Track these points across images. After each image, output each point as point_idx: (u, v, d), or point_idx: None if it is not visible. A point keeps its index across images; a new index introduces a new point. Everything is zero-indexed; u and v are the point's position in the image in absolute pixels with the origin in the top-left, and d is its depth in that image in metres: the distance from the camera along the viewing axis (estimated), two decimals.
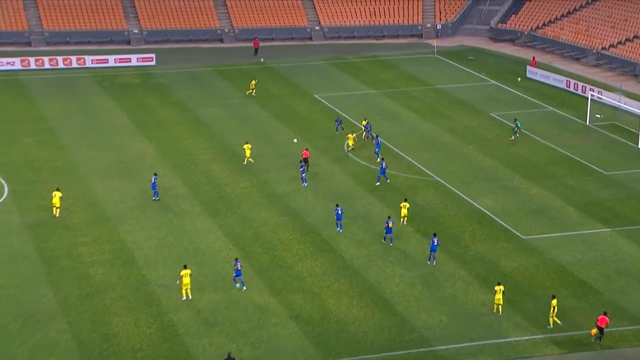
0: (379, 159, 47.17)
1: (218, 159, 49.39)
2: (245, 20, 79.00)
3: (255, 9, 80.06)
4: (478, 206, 42.83)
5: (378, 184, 44.87)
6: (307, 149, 48.11)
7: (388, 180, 45.05)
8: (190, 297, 34.20)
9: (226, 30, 78.30)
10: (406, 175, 46.74)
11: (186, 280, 34.14)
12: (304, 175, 44.82)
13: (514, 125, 51.99)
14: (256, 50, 73.52)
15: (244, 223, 41.23)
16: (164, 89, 63.45)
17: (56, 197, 41.28)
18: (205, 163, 48.71)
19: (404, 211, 40.76)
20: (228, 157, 49.49)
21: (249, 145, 48.47)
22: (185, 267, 34.70)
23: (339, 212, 39.92)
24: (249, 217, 41.89)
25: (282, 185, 45.55)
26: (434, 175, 46.73)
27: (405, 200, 41.26)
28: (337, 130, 52.58)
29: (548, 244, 38.97)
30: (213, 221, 41.34)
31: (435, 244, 37.28)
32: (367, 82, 64.65)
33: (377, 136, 49.37)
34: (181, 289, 34.37)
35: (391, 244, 38.92)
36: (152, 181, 43.40)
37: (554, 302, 32.68)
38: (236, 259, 35.78)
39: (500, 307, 33.57)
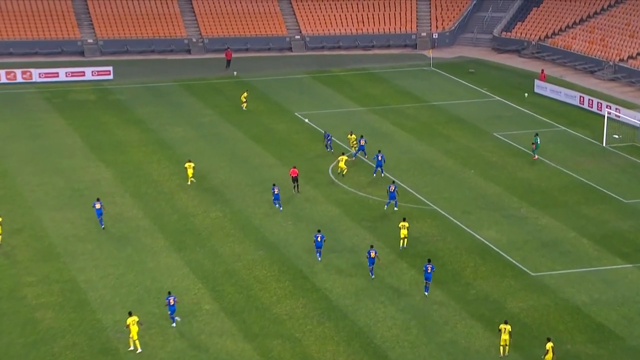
0: (382, 175, 48.80)
1: (185, 185, 49.42)
2: (216, 29, 79.55)
3: (227, 15, 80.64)
4: (481, 238, 43.08)
5: (390, 208, 45.11)
6: (295, 167, 48.57)
7: (396, 208, 45.42)
8: (139, 349, 33.84)
9: (194, 39, 78.74)
10: (399, 204, 46.96)
11: (134, 329, 33.71)
12: (277, 201, 45.52)
13: (533, 142, 52.52)
14: (228, 62, 73.95)
15: (214, 258, 41.20)
16: (123, 107, 63.55)
17: None
18: (171, 190, 48.73)
19: (403, 232, 41.20)
20: (196, 184, 49.53)
21: (192, 164, 48.96)
22: (130, 314, 34.33)
23: (319, 239, 40.35)
24: (221, 251, 41.87)
25: (258, 216, 45.65)
26: (431, 204, 47.01)
27: (404, 220, 41.56)
28: (327, 147, 53.49)
29: (560, 282, 39.21)
30: (179, 257, 41.28)
31: (429, 271, 37.47)
32: (354, 98, 65.13)
33: (379, 151, 50.21)
34: (128, 340, 34.02)
35: (372, 276, 39.18)
36: (97, 207, 43.38)
37: (549, 345, 32.58)
38: (169, 293, 35.87)
39: (506, 348, 33.64)
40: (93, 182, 49.46)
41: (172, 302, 35.36)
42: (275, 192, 45.80)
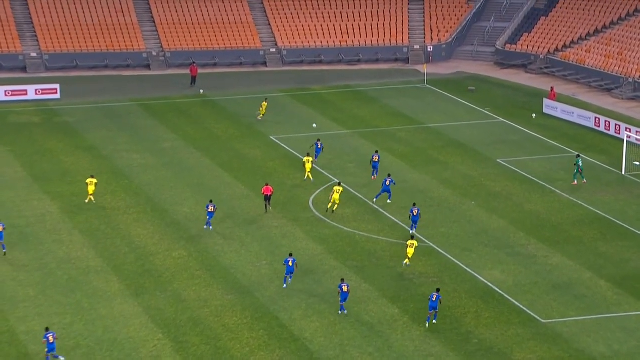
0: (388, 201, 50.20)
1: (144, 220, 49.46)
2: (180, 41, 79.97)
3: (192, 26, 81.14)
4: (483, 280, 43.33)
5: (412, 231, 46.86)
6: (267, 184, 49.58)
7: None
8: None
9: (154, 53, 79.10)
10: (389, 240, 47.22)
11: None
12: (210, 219, 47.52)
13: (574, 164, 53.28)
14: (194, 78, 74.31)
15: (177, 304, 41.16)
16: (71, 130, 63.60)
17: None
18: (127, 226, 48.74)
19: (410, 251, 42.83)
20: (157, 218, 49.60)
21: (94, 180, 49.66)
22: None
23: (290, 263, 41.36)
24: (184, 296, 41.85)
25: (228, 255, 45.73)
26: (426, 240, 47.28)
27: (413, 238, 43.77)
28: (316, 157, 55.66)
29: (575, 330, 39.47)
30: (136, 302, 41.21)
31: (435, 299, 39.03)
32: (338, 119, 65.56)
33: (388, 175, 51.02)
34: None
35: (345, 312, 39.84)
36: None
37: None
38: (47, 329, 36.04)
39: None
40: (36, 217, 49.38)
41: (51, 340, 35.37)
42: (210, 210, 47.43)
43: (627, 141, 56.74)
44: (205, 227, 48.06)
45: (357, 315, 40.27)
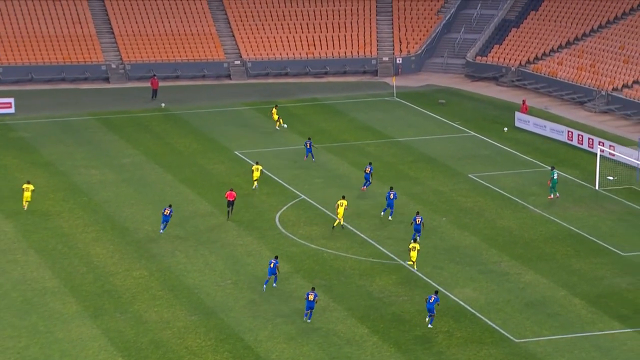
0: (390, 218, 50.78)
1: (103, 238, 49.18)
2: (140, 53, 79.79)
3: (153, 37, 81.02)
4: (454, 298, 43.48)
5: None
6: (232, 189, 50.91)
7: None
8: None
9: (113, 65, 78.86)
10: (358, 258, 47.29)
11: None
12: (165, 223, 48.69)
13: (549, 178, 53.83)
14: (155, 91, 74.16)
15: (138, 326, 40.93)
16: (26, 146, 63.16)
17: None
18: (85, 245, 48.44)
19: (413, 254, 44.84)
20: (117, 237, 49.34)
21: (30, 186, 50.19)
22: None
23: (272, 265, 43.04)
24: (146, 317, 41.63)
25: (191, 274, 45.56)
26: (396, 257, 47.40)
27: (415, 241, 45.36)
28: (306, 156, 58.04)
29: (549, 350, 39.70)
30: (95, 325, 40.93)
31: (432, 301, 40.36)
32: (305, 133, 65.67)
33: (391, 188, 51.50)
34: None
35: (308, 320, 40.41)
36: None
37: None
38: None
39: None
40: None
41: None
42: (165, 214, 48.54)
43: (600, 155, 57.29)
44: (161, 231, 48.75)
45: (325, 335, 40.25)
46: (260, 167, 54.65)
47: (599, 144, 60.11)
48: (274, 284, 43.66)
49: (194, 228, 50.41)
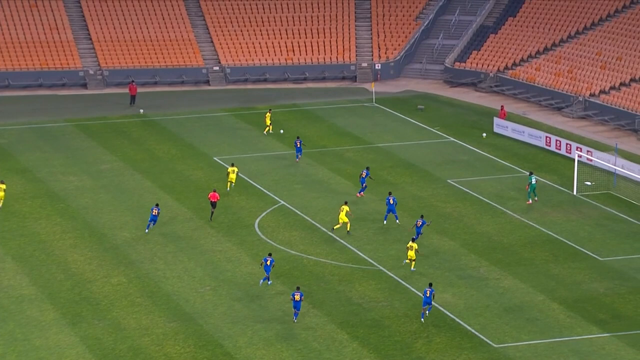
0: (397, 222, 51.33)
1: (81, 245, 48.99)
2: (118, 59, 79.59)
3: (131, 43, 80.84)
4: (434, 304, 43.60)
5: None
6: (215, 190, 51.49)
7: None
8: None
9: (91, 71, 78.61)
10: (338, 264, 47.34)
11: None
12: (152, 223, 49.79)
13: (527, 183, 54.14)
14: (133, 97, 73.99)
15: (116, 333, 40.79)
16: (3, 153, 62.86)
17: None
18: (63, 252, 48.24)
19: (411, 253, 45.52)
20: (95, 243, 49.17)
21: (3, 186, 50.23)
22: None
23: (267, 262, 43.70)
24: (124, 324, 41.50)
25: (170, 280, 45.46)
26: (375, 263, 47.47)
27: (413, 241, 46.04)
28: (297, 157, 59.38)
29: (528, 355, 39.86)
30: (73, 332, 40.76)
31: (429, 295, 41.11)
32: (284, 139, 65.68)
33: (390, 193, 51.81)
34: None
35: (294, 320, 40.88)
36: None
37: None
38: None
39: None
40: None
41: None
42: (154, 214, 49.38)
43: (578, 161, 57.63)
44: (146, 230, 49.52)
45: (305, 341, 40.26)
46: (236, 169, 54.87)
47: (577, 150, 60.45)
48: (265, 282, 44.26)
49: (173, 234, 50.30)
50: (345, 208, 50.00)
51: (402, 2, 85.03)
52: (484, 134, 66.72)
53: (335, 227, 50.31)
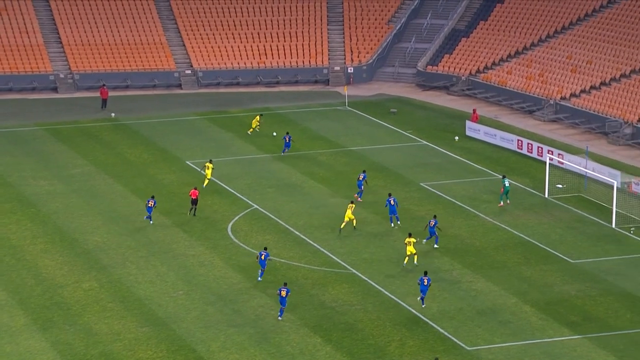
0: (398, 223, 51.60)
1: (52, 250, 48.70)
2: (89, 62, 79.20)
3: (102, 47, 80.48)
4: (407, 307, 43.70)
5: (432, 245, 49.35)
6: (196, 188, 52.45)
7: (436, 246, 49.40)
8: None
9: (62, 75, 78.19)
10: (311, 267, 47.34)
11: None
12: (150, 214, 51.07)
13: (503, 186, 54.41)
14: (104, 101, 73.66)
15: (88, 338, 40.58)
16: None
17: None
18: (34, 257, 47.93)
19: (410, 248, 46.38)
20: (66, 248, 48.89)
21: None
22: None
23: (262, 257, 44.98)
24: (96, 330, 41.29)
25: (142, 285, 45.28)
26: (348, 267, 47.50)
27: (410, 235, 46.66)
28: (284, 151, 61.17)
29: (500, 357, 40.03)
30: (43, 337, 40.50)
31: (426, 283, 42.38)
32: (257, 143, 65.63)
33: (389, 195, 52.15)
34: None
35: (280, 318, 40.93)
36: None
37: None
38: None
39: None
40: None
41: None
42: (149, 205, 50.74)
43: (549, 164, 57.98)
44: (145, 217, 51.04)
45: (278, 345, 40.23)
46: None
47: (548, 153, 60.82)
48: (259, 278, 45.20)
49: (145, 239, 50.10)
50: (352, 206, 50.79)
51: (374, 6, 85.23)
52: (456, 137, 66.97)
53: (342, 226, 50.86)
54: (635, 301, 44.31)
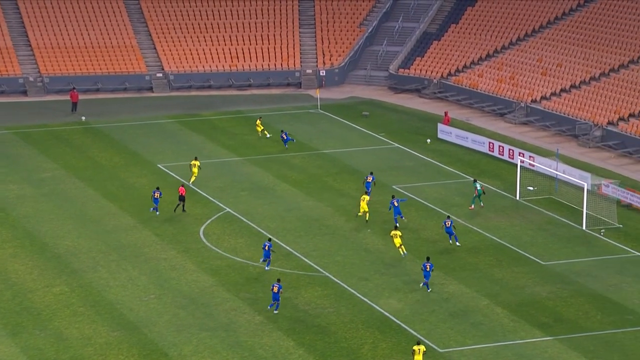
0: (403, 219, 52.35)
1: (21, 254, 48.36)
2: (58, 65, 78.77)
3: (72, 50, 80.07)
4: (380, 309, 43.78)
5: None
6: (183, 185, 53.89)
7: (458, 244, 49.85)
8: None
9: (31, 78, 77.72)
10: (284, 270, 47.34)
11: None
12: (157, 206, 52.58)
13: (475, 190, 54.73)
14: (74, 105, 73.27)
15: (58, 343, 40.33)
16: None
17: None
18: (3, 261, 47.59)
19: (397, 241, 47.66)
20: (36, 253, 48.58)
21: None
22: None
23: (266, 248, 46.11)
24: (66, 334, 41.05)
25: (114, 289, 45.05)
26: (321, 269, 47.53)
27: (396, 228, 48.11)
28: (286, 144, 63.14)
29: (472, 359, 40.15)
30: (13, 342, 40.21)
31: (428, 269, 43.82)
32: (229, 146, 65.53)
33: (393, 197, 52.90)
34: None
35: (275, 311, 41.31)
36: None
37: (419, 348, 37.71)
38: None
39: None
40: None
41: None
42: (155, 197, 52.41)
43: (520, 166, 58.30)
44: (151, 209, 52.50)
45: (251, 348, 40.17)
46: (197, 163, 56.57)
47: (519, 155, 61.15)
48: (266, 267, 46.35)
49: (117, 242, 49.88)
50: (366, 198, 51.99)
51: (345, 9, 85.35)
52: (428, 140, 67.19)
53: (359, 214, 52.36)
54: (606, 302, 44.64)
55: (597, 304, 44.48)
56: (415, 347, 38.14)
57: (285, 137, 64.08)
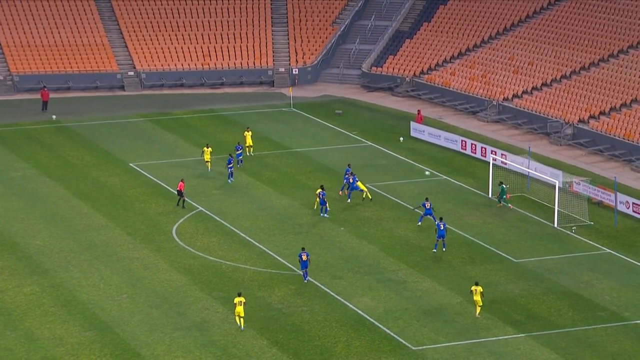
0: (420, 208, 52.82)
1: None
2: (29, 64, 78.27)
3: (43, 48, 79.60)
4: (353, 308, 43.83)
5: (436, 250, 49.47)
6: (182, 180, 54.24)
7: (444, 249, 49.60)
8: None
9: (1, 77, 77.17)
10: (257, 269, 47.28)
11: None
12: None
13: (498, 190, 54.90)
14: (45, 103, 72.83)
15: (29, 344, 40.07)
16: None
17: None
18: None
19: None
20: (7, 252, 48.25)
21: None
22: None
23: (304, 258, 45.40)
24: (37, 335, 40.80)
25: (86, 289, 44.83)
26: (295, 268, 47.54)
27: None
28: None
29: (445, 356, 40.33)
30: None
31: (442, 228, 46.39)
32: (202, 144, 65.37)
33: (427, 199, 52.94)
34: None
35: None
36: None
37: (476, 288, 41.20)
38: None
39: (477, 308, 42.01)
40: None
41: None
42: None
43: (492, 164, 58.57)
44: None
45: (225, 348, 40.10)
46: (209, 150, 58.61)
47: (492, 153, 61.42)
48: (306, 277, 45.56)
49: (88, 242, 49.63)
50: (365, 189, 54.38)
51: (318, 7, 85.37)
52: (401, 138, 67.36)
53: (365, 197, 54.61)
54: (577, 299, 44.94)
55: (569, 301, 44.78)
56: (473, 288, 42.43)
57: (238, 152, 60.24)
